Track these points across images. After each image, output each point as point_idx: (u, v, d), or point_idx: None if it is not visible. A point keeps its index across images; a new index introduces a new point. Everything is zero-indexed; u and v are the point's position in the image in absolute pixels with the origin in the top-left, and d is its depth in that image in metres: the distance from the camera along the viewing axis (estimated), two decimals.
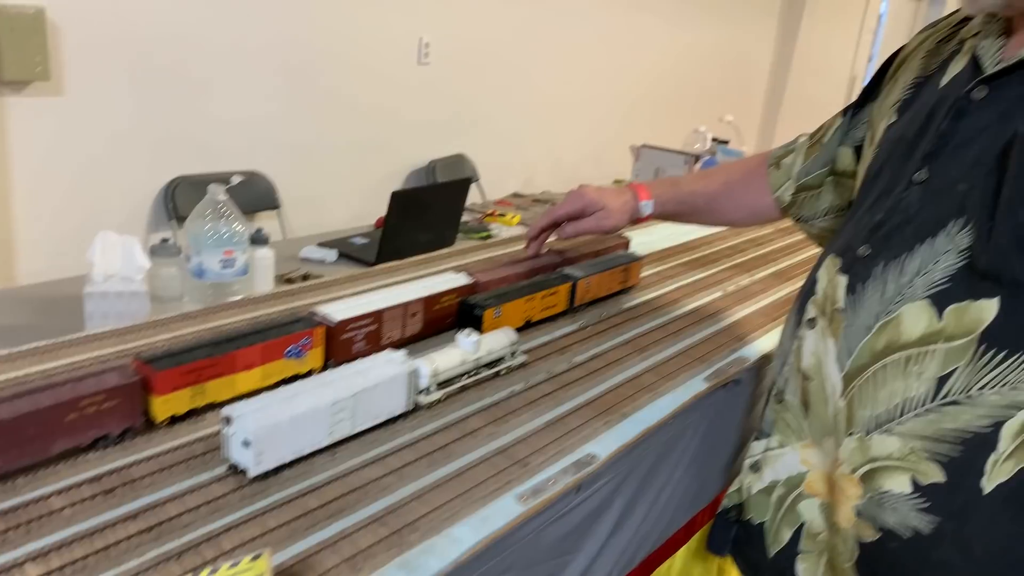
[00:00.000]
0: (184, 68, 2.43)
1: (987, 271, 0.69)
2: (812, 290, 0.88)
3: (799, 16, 5.39)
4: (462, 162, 3.45)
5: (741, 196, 1.20)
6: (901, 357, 0.74)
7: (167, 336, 1.00)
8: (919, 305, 0.73)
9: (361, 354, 0.96)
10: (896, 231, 0.78)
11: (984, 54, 0.77)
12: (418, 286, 1.07)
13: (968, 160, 0.74)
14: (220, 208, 1.55)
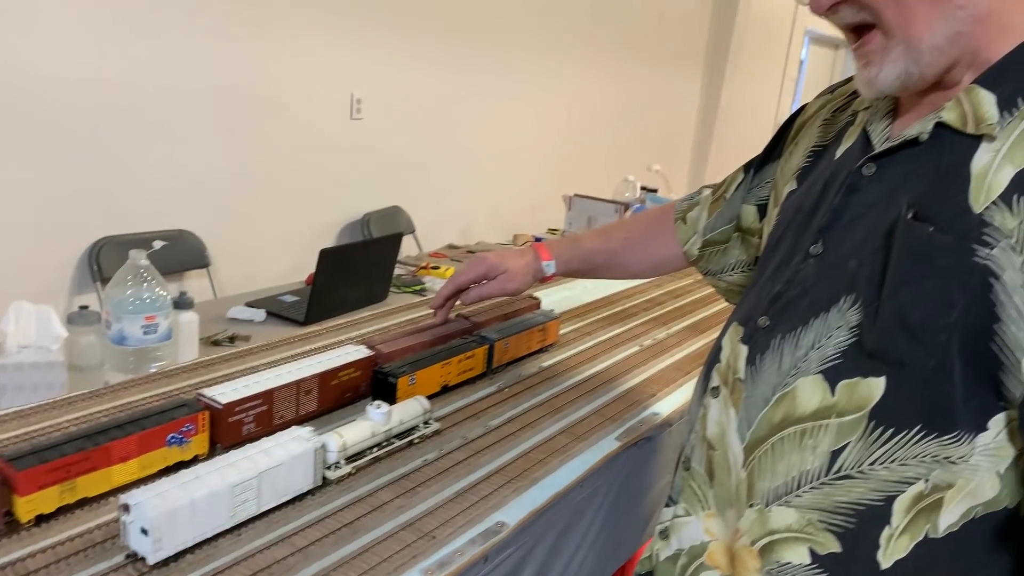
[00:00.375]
0: (107, 125, 2.41)
1: (873, 350, 0.70)
2: (717, 357, 0.89)
3: (723, 65, 5.60)
4: (397, 214, 3.47)
5: (643, 250, 1.22)
6: (797, 430, 0.75)
7: (72, 416, 0.99)
8: (813, 379, 0.74)
9: (252, 437, 0.94)
10: (793, 304, 0.79)
11: (873, 130, 0.80)
12: (313, 361, 1.06)
13: (859, 237, 0.74)
14: (142, 273, 1.53)
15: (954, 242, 0.65)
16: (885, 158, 0.74)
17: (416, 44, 3.37)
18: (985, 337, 0.64)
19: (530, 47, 4.01)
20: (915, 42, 0.69)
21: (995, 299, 0.63)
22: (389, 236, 2.35)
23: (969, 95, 0.68)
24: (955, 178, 0.67)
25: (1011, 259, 0.62)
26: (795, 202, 0.88)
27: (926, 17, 0.68)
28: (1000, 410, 0.66)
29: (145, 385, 1.10)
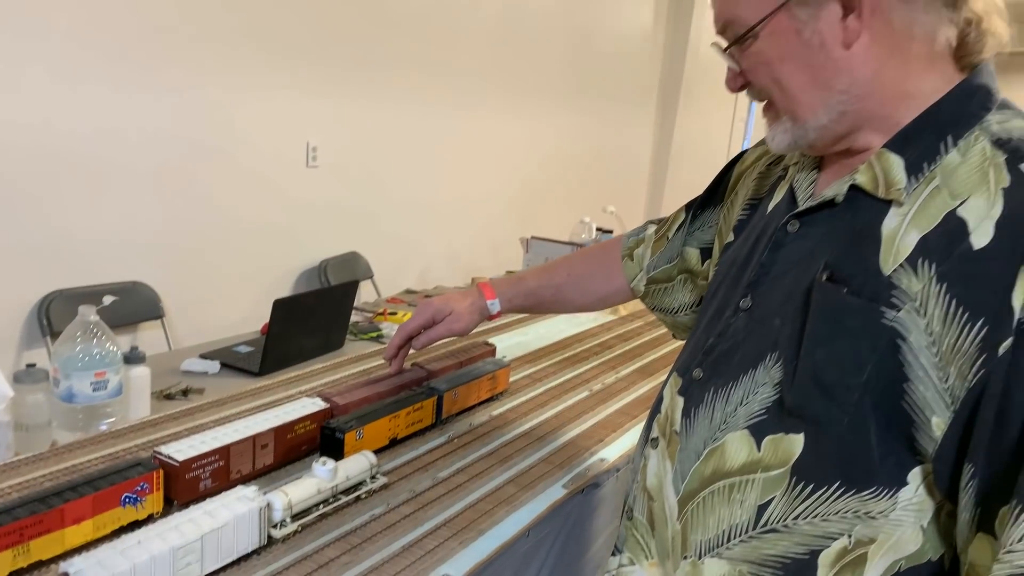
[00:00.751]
0: (56, 177, 2.39)
1: (792, 407, 0.72)
2: (658, 407, 0.91)
3: (675, 107, 5.75)
4: (355, 260, 3.48)
5: (588, 285, 1.23)
6: (726, 484, 0.76)
7: (16, 481, 0.98)
8: (740, 435, 0.76)
9: (209, 492, 0.95)
10: (724, 357, 0.80)
11: (798, 187, 0.81)
12: (270, 415, 1.07)
13: (782, 294, 0.76)
14: (91, 329, 1.52)
15: (864, 304, 0.67)
16: (807, 216, 0.77)
17: (371, 90, 3.42)
18: (896, 396, 0.66)
19: (486, 92, 4.09)
20: (800, 121, 0.74)
21: (903, 360, 0.65)
22: (344, 284, 2.36)
23: (880, 159, 0.71)
24: (867, 240, 0.69)
25: (916, 321, 0.65)
26: (731, 254, 0.91)
27: (809, 103, 0.73)
28: (918, 464, 0.68)
29: (92, 447, 1.10)
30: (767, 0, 0.71)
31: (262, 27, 2.90)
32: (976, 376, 0.61)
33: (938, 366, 0.64)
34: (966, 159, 0.67)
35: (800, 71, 0.72)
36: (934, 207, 0.66)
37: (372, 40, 3.37)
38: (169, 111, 2.65)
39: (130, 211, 2.60)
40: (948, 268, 0.64)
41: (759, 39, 0.73)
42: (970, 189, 0.65)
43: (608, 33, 5.03)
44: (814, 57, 0.71)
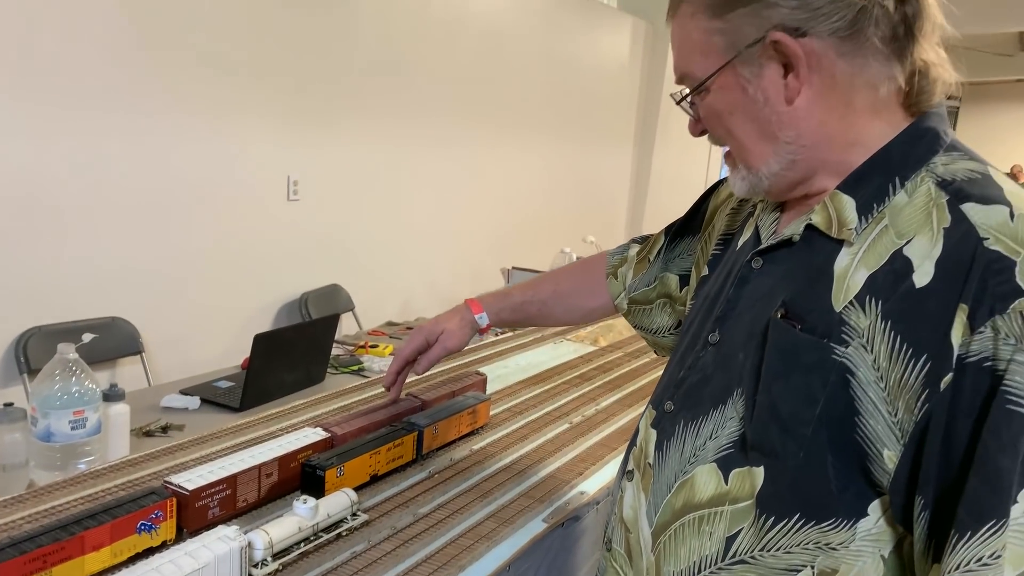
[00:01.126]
0: (34, 212, 2.39)
1: (752, 441, 0.74)
2: (635, 440, 0.93)
3: (652, 138, 5.84)
4: (336, 292, 3.49)
5: (573, 301, 1.27)
6: (696, 516, 0.78)
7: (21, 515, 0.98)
8: (709, 468, 0.78)
9: (217, 520, 0.99)
10: (694, 391, 0.83)
11: (762, 225, 0.84)
12: (273, 445, 1.11)
13: (745, 330, 0.78)
14: (70, 367, 1.52)
15: (816, 340, 0.70)
16: (768, 254, 0.80)
17: (353, 124, 3.45)
18: (849, 429, 0.68)
19: (465, 124, 4.14)
20: (754, 169, 0.78)
21: (853, 394, 0.68)
22: (325, 318, 2.37)
23: (833, 200, 0.74)
24: (821, 278, 0.72)
25: (864, 357, 0.67)
26: (706, 289, 0.94)
27: (760, 153, 0.77)
28: (878, 496, 0.69)
29: (71, 487, 1.09)
30: (715, 57, 0.75)
31: (242, 63, 2.93)
32: (921, 410, 0.64)
33: (886, 400, 0.66)
34: (912, 200, 0.70)
35: (748, 123, 0.76)
36: (882, 246, 0.69)
37: (353, 75, 3.41)
38: (148, 146, 2.67)
39: (108, 246, 2.60)
40: (892, 306, 0.66)
41: (710, 93, 0.77)
42: (915, 229, 0.68)
43: (586, 66, 5.12)
44: (760, 111, 0.75)
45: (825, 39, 0.71)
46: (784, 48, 0.71)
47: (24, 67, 2.30)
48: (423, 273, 4.03)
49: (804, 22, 0.70)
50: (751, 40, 0.72)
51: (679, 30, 0.79)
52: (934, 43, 0.73)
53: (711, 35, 0.75)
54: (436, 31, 3.82)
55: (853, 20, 0.70)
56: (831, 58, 0.71)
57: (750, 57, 0.73)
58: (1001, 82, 10.66)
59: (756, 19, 0.72)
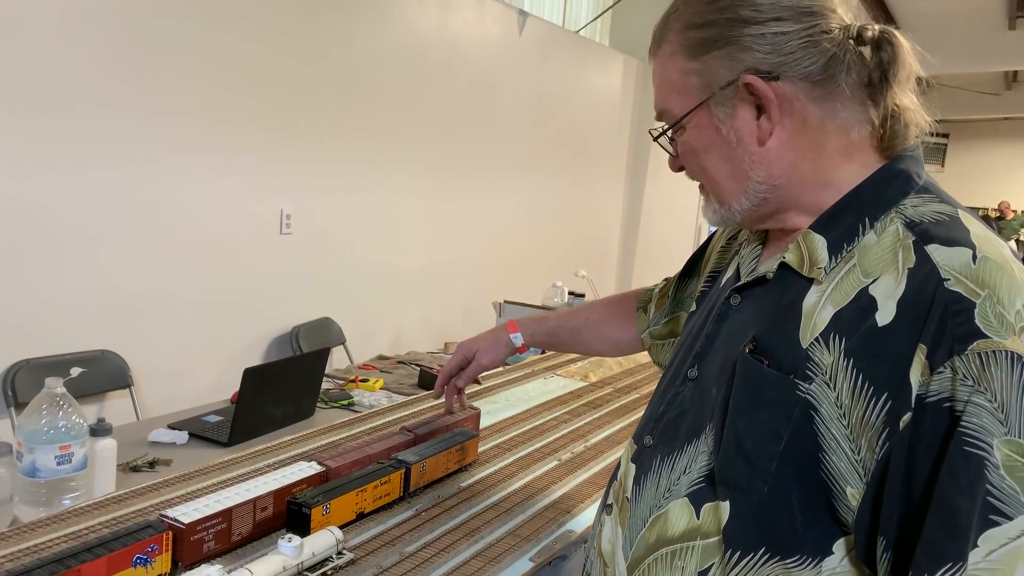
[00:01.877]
0: (23, 245, 2.40)
1: (718, 476, 0.75)
2: (616, 473, 0.94)
3: (644, 173, 5.90)
4: (327, 326, 3.48)
5: (604, 332, 1.32)
6: (668, 551, 0.78)
7: (3, 552, 0.97)
8: (682, 502, 0.78)
9: (212, 554, 0.99)
10: (672, 425, 0.83)
11: (743, 263, 0.87)
12: (269, 479, 1.12)
13: (719, 365, 0.79)
14: (58, 401, 1.51)
15: (781, 376, 0.71)
16: (746, 290, 0.82)
17: (345, 158, 3.48)
18: (813, 466, 0.69)
19: (457, 158, 4.18)
20: (726, 205, 0.81)
21: (817, 430, 0.68)
22: (315, 352, 2.36)
23: (805, 239, 0.76)
24: (790, 315, 0.74)
25: (827, 393, 0.68)
26: (690, 324, 0.96)
27: (731, 190, 0.79)
28: (843, 534, 0.70)
29: (55, 524, 1.08)
30: (691, 97, 0.78)
31: (236, 98, 2.96)
32: (883, 449, 0.64)
33: (849, 437, 0.67)
34: (880, 240, 0.71)
35: (722, 161, 0.79)
36: (849, 284, 0.71)
37: (345, 110, 3.44)
38: (139, 179, 2.68)
39: (97, 278, 2.60)
40: (855, 343, 0.67)
41: (686, 130, 0.80)
42: (881, 268, 0.69)
43: (578, 103, 5.18)
44: (732, 151, 0.77)
45: (797, 83, 0.73)
46: (756, 91, 0.73)
47: (15, 100, 2.32)
48: (415, 307, 4.03)
49: (776, 66, 0.73)
50: (724, 82, 0.75)
51: (659, 69, 0.82)
52: (908, 89, 0.75)
53: (688, 75, 0.78)
54: (428, 67, 3.87)
55: (825, 65, 0.72)
56: (803, 101, 0.73)
57: (724, 98, 0.76)
58: (988, 120, 10.84)
59: (730, 62, 0.74)
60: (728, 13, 0.74)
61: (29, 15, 2.30)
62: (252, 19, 2.95)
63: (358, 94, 3.49)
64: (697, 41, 0.76)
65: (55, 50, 2.38)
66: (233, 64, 2.91)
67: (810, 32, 0.72)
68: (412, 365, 3.00)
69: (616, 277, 5.99)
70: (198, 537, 0.98)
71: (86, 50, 2.46)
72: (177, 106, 2.75)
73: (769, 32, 0.73)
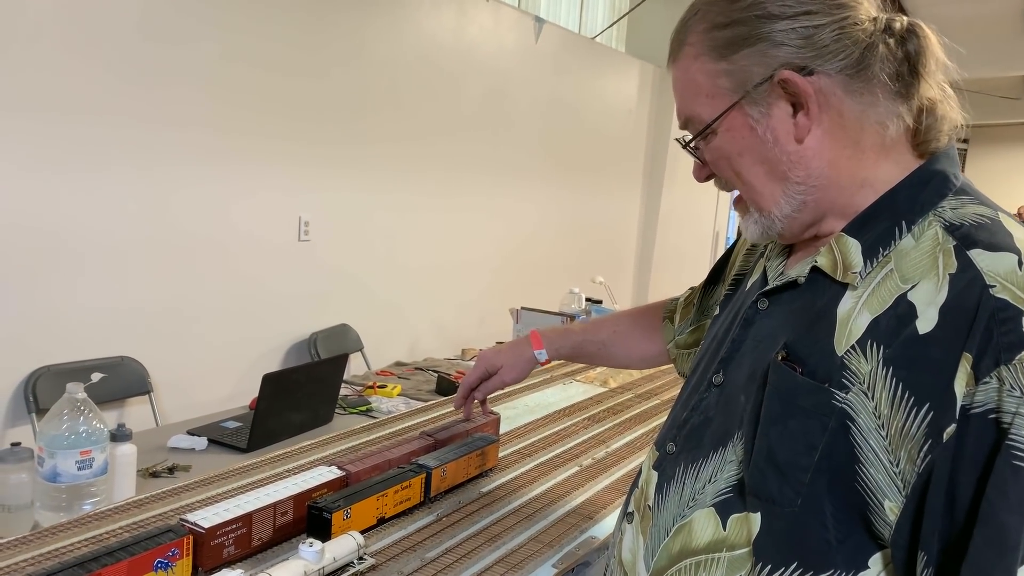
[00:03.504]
0: (44, 253, 2.41)
1: (749, 486, 0.72)
2: (637, 480, 0.91)
3: (661, 179, 5.88)
4: (345, 332, 3.49)
5: (630, 344, 1.29)
6: (692, 562, 0.76)
7: (25, 556, 0.96)
8: (707, 512, 0.76)
9: (232, 559, 0.99)
10: (696, 432, 0.81)
11: (770, 266, 0.83)
12: (289, 484, 1.11)
13: (746, 372, 0.77)
14: (78, 406, 1.51)
15: (816, 385, 0.68)
16: (775, 295, 0.79)
17: (363, 167, 3.49)
18: (849, 478, 0.66)
19: (473, 166, 4.18)
20: (765, 211, 0.77)
21: (853, 441, 0.66)
22: (334, 358, 2.36)
23: (838, 242, 0.73)
24: (823, 322, 0.71)
25: (864, 403, 0.65)
26: (713, 329, 0.93)
27: (770, 194, 0.76)
28: (878, 549, 0.67)
29: (75, 529, 1.08)
30: (721, 99, 0.75)
31: (254, 107, 2.97)
32: (924, 461, 0.61)
33: (888, 449, 0.64)
34: (919, 244, 0.69)
35: (758, 164, 0.75)
36: (886, 290, 0.68)
37: (362, 119, 3.45)
38: (159, 187, 2.70)
39: (118, 286, 2.61)
40: (895, 352, 0.65)
41: (718, 135, 0.77)
42: (921, 274, 0.67)
43: (594, 109, 5.18)
44: (769, 151, 0.74)
45: (833, 77, 0.71)
46: (793, 87, 0.71)
47: (38, 109, 2.34)
48: (431, 314, 4.03)
49: (811, 60, 0.70)
50: (758, 80, 0.72)
51: (682, 74, 0.79)
52: (939, 80, 0.73)
53: (716, 77, 0.75)
54: (445, 75, 3.88)
55: (860, 58, 0.70)
56: (839, 96, 0.71)
57: (758, 97, 0.73)
58: (1007, 125, 10.73)
59: (763, 58, 0.72)
60: (756, 10, 0.72)
61: (52, 26, 2.32)
62: (268, 29, 2.96)
63: (375, 102, 3.50)
64: (724, 41, 0.74)
65: (80, 60, 2.40)
66: (251, 75, 2.93)
67: (841, 24, 0.70)
68: (430, 371, 3.00)
69: (633, 284, 5.97)
70: (218, 542, 0.98)
71: (109, 60, 2.48)
72: (197, 116, 2.77)
73: (800, 26, 0.70)
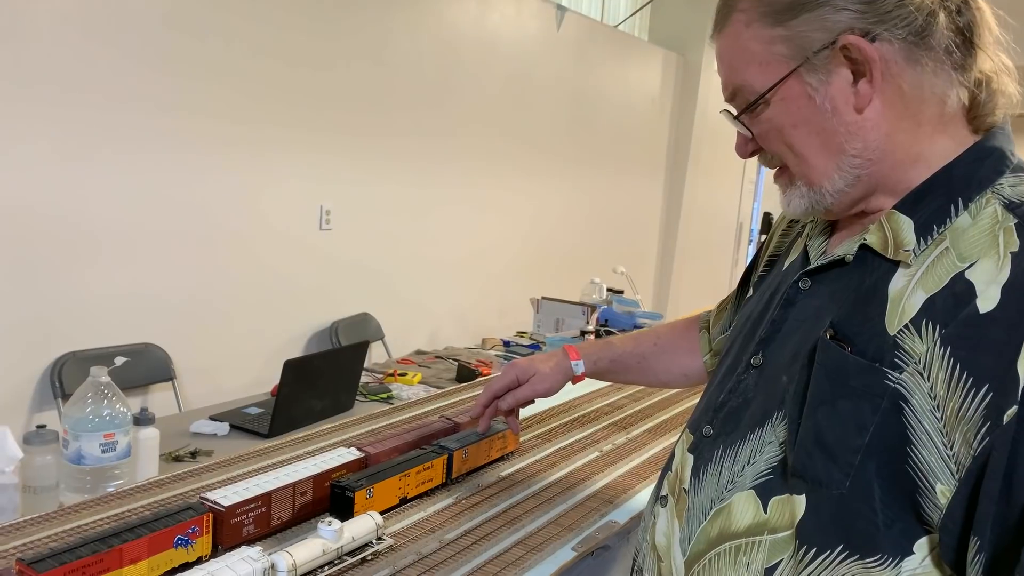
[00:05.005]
0: (72, 241, 2.44)
1: (794, 468, 0.70)
2: (670, 464, 0.90)
3: (684, 169, 5.83)
4: (366, 321, 3.50)
5: (671, 358, 1.21)
6: (732, 546, 0.75)
7: (21, 542, 0.97)
8: (747, 495, 0.74)
9: (251, 538, 0.99)
10: (734, 414, 0.80)
11: (811, 245, 0.82)
12: (308, 464, 1.11)
13: (789, 352, 0.75)
14: (102, 390, 1.53)
15: (868, 364, 0.66)
16: (818, 274, 0.77)
17: (384, 155, 3.49)
18: (900, 460, 0.64)
19: (495, 155, 4.17)
20: (816, 186, 0.74)
21: (906, 422, 0.64)
22: (355, 345, 2.37)
23: (889, 220, 0.71)
24: (874, 300, 0.69)
25: (919, 384, 0.63)
26: (747, 310, 0.91)
27: (824, 168, 0.73)
28: (925, 534, 0.65)
29: (98, 507, 1.09)
30: (777, 66, 0.72)
31: (276, 95, 2.98)
32: (981, 444, 0.60)
33: (942, 431, 0.62)
34: (976, 222, 0.66)
35: (813, 136, 0.72)
36: (942, 269, 0.66)
37: (385, 108, 3.45)
38: (183, 176, 2.71)
39: (143, 273, 2.64)
40: (953, 331, 0.63)
41: (770, 105, 0.74)
42: (979, 252, 0.65)
43: (616, 98, 5.14)
44: (827, 122, 0.71)
45: (894, 44, 0.68)
46: (857, 52, 0.68)
47: (63, 98, 2.36)
48: (452, 303, 4.03)
49: (873, 26, 0.68)
50: (819, 45, 0.69)
51: (730, 43, 0.76)
52: (993, 53, 0.71)
53: (772, 44, 0.72)
54: (467, 64, 3.87)
55: (922, 25, 0.67)
56: (900, 65, 0.68)
57: (818, 64, 0.70)
58: None
59: (823, 23, 0.69)
60: None
61: (78, 14, 2.34)
62: (292, 20, 2.97)
63: (397, 91, 3.49)
64: (782, 6, 0.71)
65: (100, 48, 2.42)
66: (275, 66, 2.93)
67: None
68: (450, 360, 3.00)
69: (655, 274, 5.93)
70: (238, 520, 0.98)
71: (129, 48, 2.49)
72: (220, 106, 2.78)
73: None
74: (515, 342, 3.27)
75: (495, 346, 3.28)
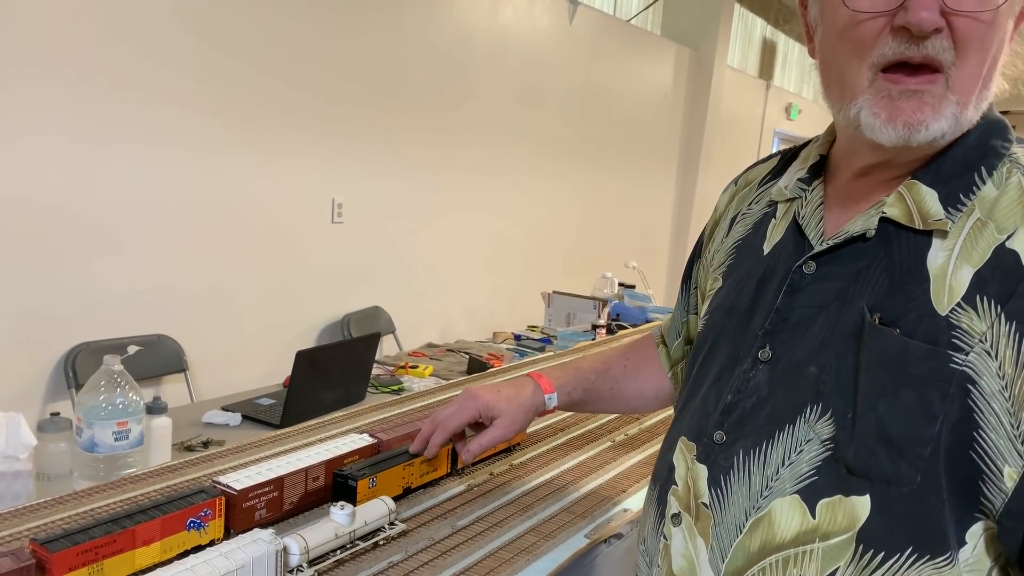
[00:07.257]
0: (85, 233, 2.45)
1: (854, 467, 0.66)
2: (671, 479, 0.82)
3: (696, 164, 5.81)
4: (377, 314, 3.50)
5: (640, 379, 1.11)
6: (779, 558, 0.69)
7: (35, 524, 0.97)
8: (790, 500, 0.69)
9: (263, 522, 0.99)
10: (750, 415, 0.74)
11: (807, 225, 0.76)
12: (321, 449, 1.11)
13: (813, 341, 0.71)
14: (115, 378, 1.53)
15: (927, 348, 0.63)
16: (825, 256, 0.72)
17: (396, 149, 3.49)
18: (965, 445, 0.61)
19: (507, 149, 4.16)
20: (964, 107, 0.65)
21: (973, 405, 0.61)
22: (366, 336, 2.37)
23: (910, 190, 0.67)
24: (913, 277, 0.66)
25: (988, 364, 0.61)
26: (724, 300, 0.84)
27: (983, 93, 0.66)
28: (975, 521, 0.63)
29: (111, 491, 1.09)
30: None
31: (288, 89, 2.99)
32: None
33: (1010, 411, 0.60)
34: (1004, 192, 0.65)
35: (996, 56, 0.66)
36: (983, 241, 0.63)
37: (397, 102, 3.45)
38: (196, 169, 2.72)
39: (156, 265, 2.65)
40: (1016, 306, 0.60)
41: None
42: (1016, 222, 0.63)
43: (629, 93, 5.12)
44: (1000, 48, 0.66)
45: None
46: None
47: (76, 93, 2.37)
48: (463, 296, 4.03)
49: None
50: None
51: None
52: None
53: None
54: (479, 58, 3.86)
55: None
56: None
57: None
58: None
59: None
60: None
61: (94, 7, 2.35)
62: (306, 13, 2.97)
63: (409, 86, 3.49)
64: None
65: (116, 44, 2.43)
66: (286, 58, 2.94)
67: None
68: (461, 353, 2.99)
69: (667, 269, 5.91)
70: (250, 504, 0.98)
71: (145, 45, 2.50)
72: (233, 99, 2.79)
73: None
74: (526, 335, 3.26)
75: (506, 339, 3.27)
